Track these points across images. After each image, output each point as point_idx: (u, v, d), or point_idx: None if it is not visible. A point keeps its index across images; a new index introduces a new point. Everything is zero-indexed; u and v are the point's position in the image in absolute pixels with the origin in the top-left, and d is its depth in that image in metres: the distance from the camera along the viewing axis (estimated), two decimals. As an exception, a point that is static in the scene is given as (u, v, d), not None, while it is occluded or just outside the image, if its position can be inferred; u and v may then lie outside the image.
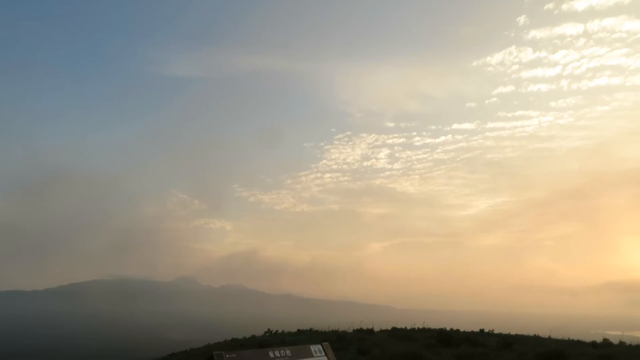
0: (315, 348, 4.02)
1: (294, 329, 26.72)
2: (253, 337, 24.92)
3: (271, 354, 3.64)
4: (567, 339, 21.27)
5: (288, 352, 3.77)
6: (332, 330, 23.81)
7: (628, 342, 19.37)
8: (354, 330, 23.57)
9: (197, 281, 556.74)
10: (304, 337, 20.41)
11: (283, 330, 26.71)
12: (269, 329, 27.73)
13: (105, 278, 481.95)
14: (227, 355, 3.37)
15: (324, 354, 4.03)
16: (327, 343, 4.11)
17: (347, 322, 25.34)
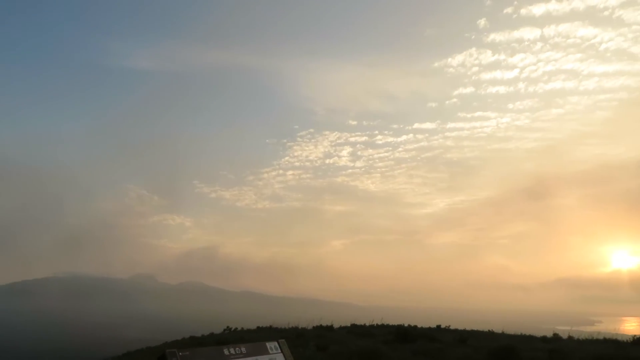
0: (271, 345, 4.00)
1: (253, 326, 26.60)
2: (212, 334, 24.65)
3: (226, 352, 3.60)
4: (519, 334, 21.93)
5: (243, 349, 3.74)
6: (292, 327, 23.82)
7: (576, 337, 20.15)
8: (313, 327, 23.64)
9: (155, 278, 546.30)
10: (263, 335, 20.34)
11: (242, 328, 26.54)
12: (228, 327, 27.50)
13: (59, 275, 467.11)
14: (180, 353, 3.31)
15: (280, 351, 4.02)
16: (283, 340, 4.10)
17: (307, 319, 25.40)
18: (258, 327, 25.91)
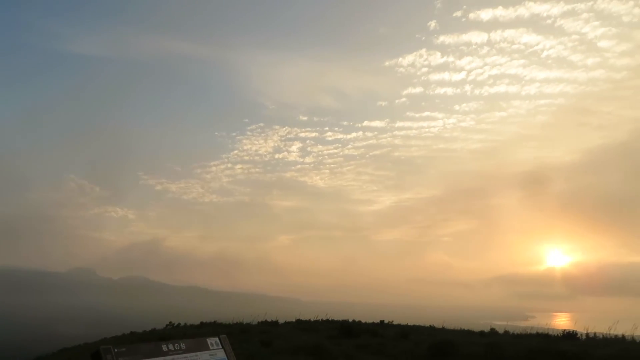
0: (212, 341, 3.95)
1: (197, 322, 26.19)
2: (153, 330, 24.09)
3: (165, 347, 3.52)
4: (458, 329, 22.64)
5: (183, 345, 3.67)
6: (237, 322, 23.62)
7: (511, 331, 21.02)
8: (258, 322, 23.54)
9: (95, 272, 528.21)
10: (207, 330, 20.07)
11: (186, 323, 26.08)
12: (170, 322, 26.95)
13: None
14: (116, 350, 3.21)
15: (220, 346, 3.97)
16: (224, 335, 4.05)
17: (252, 314, 25.24)
18: (202, 323, 25.54)
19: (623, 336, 17.63)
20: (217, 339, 3.92)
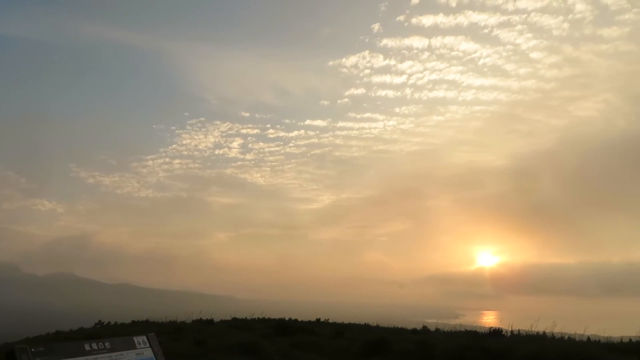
0: (139, 339, 3.81)
1: (128, 320, 25.34)
2: (81, 329, 23.06)
3: (87, 347, 3.36)
4: (392, 326, 23.15)
5: (107, 344, 3.51)
6: (170, 321, 23.06)
7: (442, 329, 21.76)
8: (193, 320, 23.07)
9: (19, 268, 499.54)
10: (138, 329, 19.46)
11: (116, 322, 25.15)
12: (100, 321, 25.89)
13: None
14: (33, 349, 3.03)
15: (148, 345, 3.84)
16: (152, 334, 3.92)
17: (187, 312, 24.73)
18: (133, 321, 24.71)
19: (544, 333, 18.73)
20: (144, 338, 3.79)
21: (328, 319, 25.12)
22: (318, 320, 24.56)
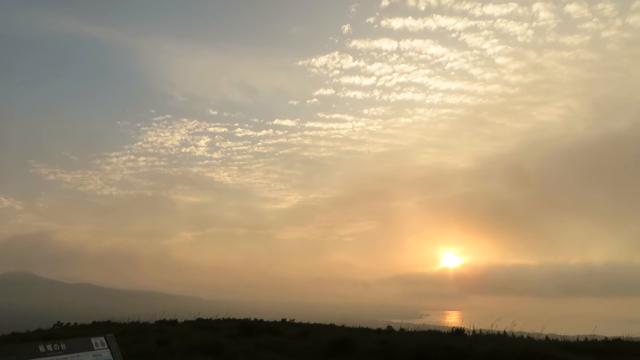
0: (97, 340, 3.72)
1: (89, 321, 24.72)
2: (39, 330, 22.36)
3: (42, 348, 3.26)
4: (357, 327, 23.31)
5: (63, 345, 3.42)
6: (133, 322, 22.61)
7: (407, 329, 22.05)
8: (156, 321, 22.68)
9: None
10: (99, 330, 19.00)
11: (76, 323, 24.50)
12: (59, 322, 25.17)
13: None
14: (-17, 351, 2.93)
15: (106, 346, 3.75)
16: (111, 335, 3.84)
17: (150, 313, 24.28)
18: (94, 322, 24.12)
19: (505, 332, 19.23)
20: (102, 339, 3.70)
21: (294, 319, 25.12)
22: (284, 320, 24.53)
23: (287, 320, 24.70)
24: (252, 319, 24.24)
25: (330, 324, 24.51)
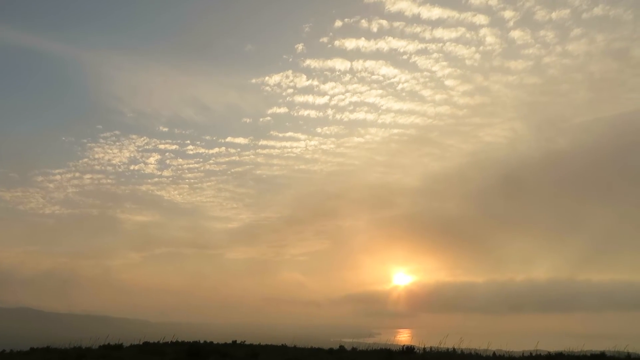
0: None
1: (27, 347, 23.44)
2: (-30, 359, 21.00)
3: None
4: (309, 347, 23.20)
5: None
6: (74, 347, 21.63)
7: (358, 348, 22.11)
8: (100, 346, 21.80)
9: None
10: (37, 356, 18.07)
11: (12, 350, 23.17)
12: (-7, 349, 23.72)
13: None
14: None
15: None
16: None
17: (93, 337, 23.33)
18: (32, 349, 22.91)
19: (453, 349, 19.61)
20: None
21: (244, 341, 24.75)
22: (234, 342, 24.12)
23: (237, 341, 24.29)
24: (201, 341, 23.70)
25: (282, 344, 24.28)
